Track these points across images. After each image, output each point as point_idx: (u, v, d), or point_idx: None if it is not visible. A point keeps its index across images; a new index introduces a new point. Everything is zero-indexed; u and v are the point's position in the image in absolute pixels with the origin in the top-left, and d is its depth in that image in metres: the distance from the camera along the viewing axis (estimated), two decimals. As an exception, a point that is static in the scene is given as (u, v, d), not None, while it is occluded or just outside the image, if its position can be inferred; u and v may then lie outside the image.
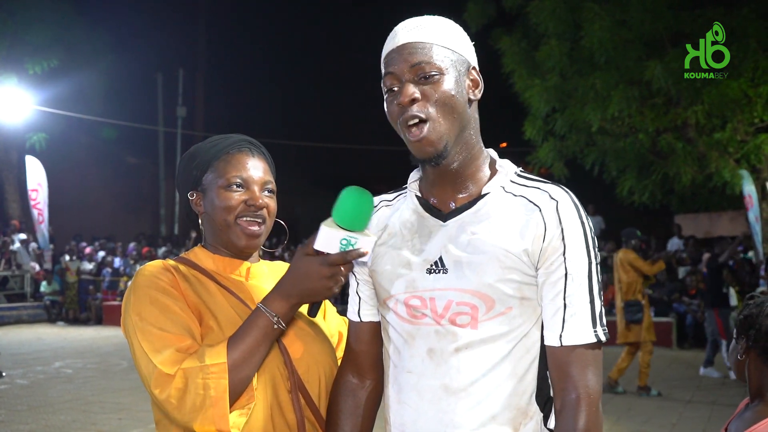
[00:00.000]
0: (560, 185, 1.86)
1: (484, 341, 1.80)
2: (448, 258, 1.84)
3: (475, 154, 1.89)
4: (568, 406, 1.76)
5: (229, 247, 2.12)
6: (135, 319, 1.93)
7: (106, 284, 20.54)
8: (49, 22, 21.90)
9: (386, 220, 2.01)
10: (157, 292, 1.96)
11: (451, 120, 1.81)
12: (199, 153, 2.16)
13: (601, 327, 1.79)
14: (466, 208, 1.87)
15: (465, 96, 1.84)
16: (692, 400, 9.82)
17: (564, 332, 1.78)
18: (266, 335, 1.90)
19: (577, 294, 1.78)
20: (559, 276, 1.78)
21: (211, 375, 1.81)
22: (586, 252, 1.79)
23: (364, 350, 2.05)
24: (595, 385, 1.78)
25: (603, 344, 1.82)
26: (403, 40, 1.84)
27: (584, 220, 1.81)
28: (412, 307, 1.87)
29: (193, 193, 2.14)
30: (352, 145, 29.41)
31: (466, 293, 1.81)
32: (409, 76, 1.81)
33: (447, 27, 1.87)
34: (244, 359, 1.86)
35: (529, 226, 1.79)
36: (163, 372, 1.83)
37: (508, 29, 17.25)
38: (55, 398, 9.59)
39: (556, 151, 16.65)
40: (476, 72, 1.89)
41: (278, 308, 1.91)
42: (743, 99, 14.45)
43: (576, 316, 1.78)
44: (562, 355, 1.78)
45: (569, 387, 1.77)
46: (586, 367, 1.78)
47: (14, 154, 22.87)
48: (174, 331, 1.89)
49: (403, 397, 1.89)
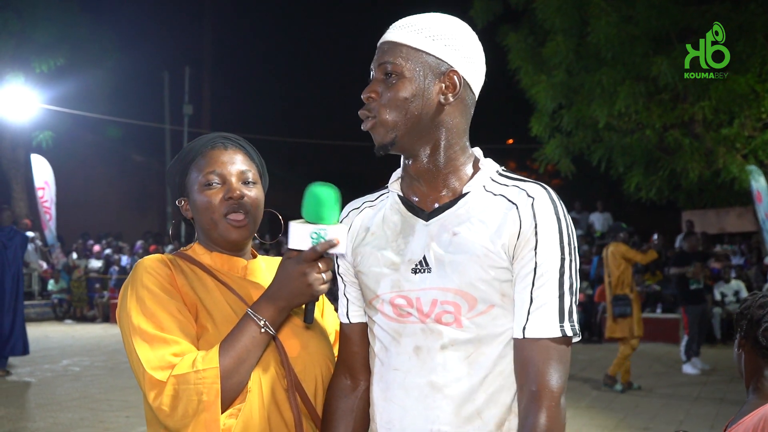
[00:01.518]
0: (540, 183, 1.86)
1: (469, 340, 1.81)
2: (431, 257, 1.85)
3: (452, 155, 1.89)
4: (528, 400, 1.75)
5: (220, 244, 2.12)
6: (130, 316, 1.92)
7: (113, 282, 20.57)
8: (56, 21, 21.92)
9: (369, 221, 2.02)
10: (155, 288, 1.95)
11: (400, 119, 1.84)
12: (177, 159, 2.17)
13: (569, 323, 1.78)
14: (447, 207, 1.88)
15: (431, 99, 1.85)
16: (700, 396, 9.80)
17: (528, 324, 1.78)
18: (255, 341, 1.90)
19: (545, 288, 1.78)
20: (528, 270, 1.79)
21: (204, 380, 1.81)
22: (560, 247, 1.79)
23: (356, 351, 2.06)
24: (558, 380, 1.76)
25: (570, 341, 1.81)
26: (384, 38, 1.89)
27: (561, 217, 1.81)
28: (398, 306, 1.89)
29: (181, 200, 2.15)
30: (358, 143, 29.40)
31: (449, 292, 1.82)
32: (377, 74, 1.87)
33: (435, 29, 1.86)
34: (236, 365, 1.85)
35: (507, 223, 1.81)
36: (154, 378, 1.82)
37: (515, 26, 17.21)
38: (62, 396, 9.62)
39: (563, 147, 16.61)
40: (457, 77, 1.86)
41: (265, 313, 1.91)
42: (751, 94, 14.39)
43: (541, 309, 1.77)
44: (525, 347, 1.78)
45: (530, 381, 1.76)
46: (548, 361, 1.76)
47: (21, 153, 22.91)
48: (168, 332, 1.89)
49: (389, 395, 1.91)
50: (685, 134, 15.20)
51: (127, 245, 23.13)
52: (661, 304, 16.08)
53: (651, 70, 14.28)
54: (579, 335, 1.81)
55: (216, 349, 1.86)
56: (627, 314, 9.99)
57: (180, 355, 1.86)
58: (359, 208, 2.07)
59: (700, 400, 9.60)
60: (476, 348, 1.81)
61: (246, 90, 35.76)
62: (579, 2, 15.29)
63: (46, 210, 20.11)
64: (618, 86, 14.85)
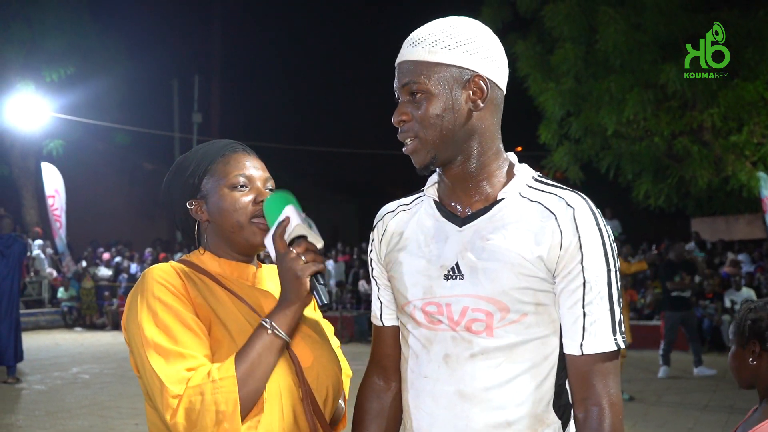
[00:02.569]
0: (578, 192, 1.84)
1: (499, 348, 1.80)
2: (464, 264, 1.84)
3: (487, 160, 1.87)
4: (593, 416, 1.75)
5: (241, 248, 2.08)
6: (143, 329, 1.87)
7: (122, 290, 20.62)
8: (66, 30, 22.05)
9: (404, 225, 2.01)
10: (167, 299, 1.91)
11: (438, 137, 1.83)
12: (191, 161, 2.11)
13: (620, 334, 1.79)
14: (481, 213, 1.86)
15: (461, 110, 1.83)
16: (709, 404, 9.77)
17: (585, 341, 1.77)
18: (266, 344, 1.88)
19: (596, 302, 1.77)
20: (577, 284, 1.77)
21: (221, 390, 1.79)
22: (605, 259, 1.77)
23: (389, 353, 2.06)
24: (617, 393, 1.78)
25: (620, 352, 1.81)
26: (401, 58, 1.87)
27: (602, 228, 1.80)
28: (429, 314, 1.88)
29: (192, 202, 2.08)
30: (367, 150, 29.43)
31: (481, 300, 1.80)
32: (403, 96, 1.86)
33: (450, 38, 1.83)
34: (251, 372, 1.84)
35: (545, 233, 1.78)
36: (172, 392, 1.79)
37: (523, 33, 17.22)
38: (72, 403, 9.64)
39: (572, 154, 16.60)
40: (483, 80, 1.83)
41: (276, 317, 1.91)
42: (759, 101, 14.36)
43: (596, 324, 1.77)
44: (584, 364, 1.78)
45: (592, 397, 1.76)
46: (607, 375, 1.77)
47: (32, 161, 23.03)
48: (184, 346, 1.85)
49: (419, 403, 1.90)
50: (694, 141, 15.18)
51: (137, 253, 23.19)
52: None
53: (659, 77, 14.28)
54: (627, 344, 1.83)
55: (231, 359, 1.84)
56: None
57: (194, 369, 1.83)
58: (394, 211, 2.06)
59: (710, 407, 9.56)
60: (507, 357, 1.80)
61: (255, 98, 35.88)
62: (587, 10, 15.31)
63: (56, 218, 20.19)
64: (626, 94, 14.84)
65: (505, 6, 17.19)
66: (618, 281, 1.81)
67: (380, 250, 2.05)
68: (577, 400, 1.79)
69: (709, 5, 14.58)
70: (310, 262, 1.89)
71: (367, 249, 2.13)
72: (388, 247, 2.02)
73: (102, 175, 28.64)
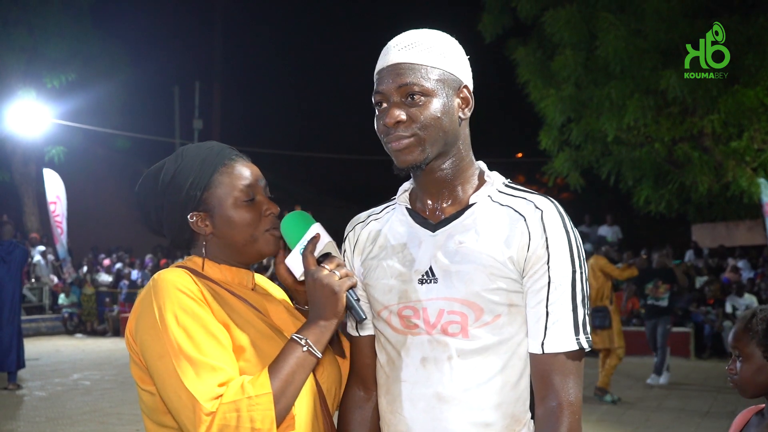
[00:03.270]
0: (547, 196, 1.89)
1: (475, 350, 1.83)
2: (437, 268, 1.87)
3: (464, 166, 1.92)
4: (550, 414, 1.77)
5: (249, 259, 2.05)
6: (167, 338, 1.80)
7: (123, 296, 20.61)
8: (67, 37, 22.09)
9: (376, 234, 2.04)
10: (189, 304, 1.85)
11: (436, 138, 1.84)
12: (188, 171, 2.02)
13: (584, 335, 1.81)
14: (453, 218, 1.90)
15: (454, 115, 1.87)
16: (710, 410, 9.76)
17: (546, 339, 1.80)
18: (299, 361, 1.85)
19: (559, 302, 1.80)
20: (542, 284, 1.81)
21: (257, 406, 1.76)
22: (570, 261, 1.81)
23: (367, 363, 2.07)
24: (577, 393, 1.79)
25: (585, 353, 1.83)
26: (394, 60, 1.86)
27: (569, 230, 1.83)
28: (405, 318, 1.90)
29: (193, 215, 2.00)
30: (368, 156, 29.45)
31: (455, 302, 1.83)
32: (396, 98, 1.85)
33: (441, 45, 1.87)
34: (285, 389, 1.81)
35: (515, 235, 1.82)
36: (205, 408, 1.74)
37: (523, 39, 17.26)
38: (73, 410, 9.64)
39: (572, 161, 16.61)
40: (468, 90, 1.90)
41: (308, 333, 1.88)
42: (760, 107, 14.37)
43: (558, 323, 1.79)
44: (544, 362, 1.80)
45: (551, 395, 1.78)
46: (567, 375, 1.79)
47: (33, 168, 23.05)
48: (212, 357, 1.79)
49: (395, 407, 1.92)
50: (695, 147, 15.19)
51: (138, 259, 23.19)
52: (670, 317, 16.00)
53: (660, 83, 14.29)
54: (591, 346, 1.84)
55: (266, 374, 1.80)
56: (606, 326, 10.12)
57: (225, 383, 1.78)
58: (365, 221, 2.10)
59: (711, 413, 9.55)
60: (482, 358, 1.82)
61: (255, 104, 35.91)
62: (587, 16, 15.33)
63: (57, 224, 20.19)
64: (627, 100, 14.86)
65: (506, 12, 17.22)
66: (584, 283, 1.83)
67: (353, 259, 2.07)
68: (537, 399, 1.82)
69: (710, 11, 14.60)
70: (344, 277, 1.89)
71: None
72: (362, 256, 2.04)
73: (103, 182, 28.65)
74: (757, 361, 2.41)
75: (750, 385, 2.43)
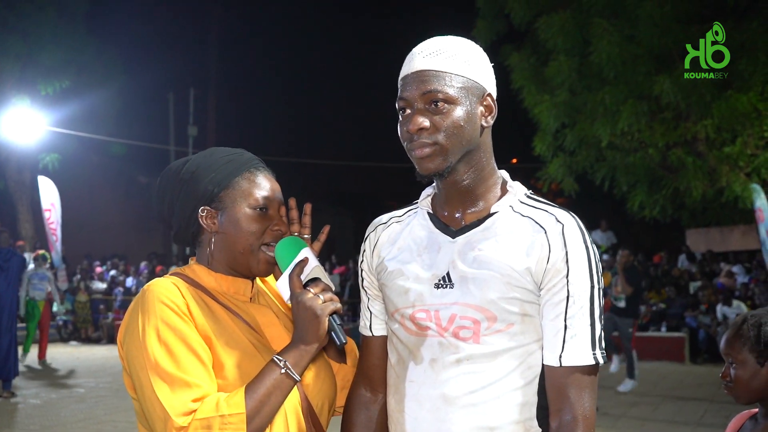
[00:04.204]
0: (568, 210, 1.90)
1: (485, 355, 1.84)
2: (454, 273, 1.88)
3: (486, 175, 1.93)
4: (565, 428, 1.80)
5: (241, 270, 2.05)
6: (146, 351, 1.82)
7: (117, 303, 20.58)
8: (62, 44, 22.06)
9: (396, 236, 2.05)
10: (172, 320, 1.86)
11: (458, 146, 1.86)
12: (213, 167, 2.03)
13: (599, 350, 1.83)
14: (475, 225, 1.92)
15: (476, 123, 1.89)
16: (705, 415, 9.77)
17: (564, 353, 1.82)
18: (276, 383, 1.85)
19: (578, 316, 1.82)
20: (561, 298, 1.82)
21: (229, 425, 1.76)
22: (589, 276, 1.83)
23: (376, 364, 2.09)
24: (591, 407, 1.82)
25: (598, 367, 1.86)
26: (418, 67, 1.88)
27: (589, 245, 1.85)
28: (418, 320, 1.91)
29: (204, 209, 2.02)
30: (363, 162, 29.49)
31: (469, 308, 1.85)
32: (420, 105, 1.86)
33: (465, 52, 1.89)
34: (259, 409, 1.81)
35: (534, 246, 1.84)
36: (177, 424, 1.75)
37: (517, 45, 17.31)
38: (67, 418, 9.61)
39: (566, 166, 16.65)
40: (491, 99, 1.92)
41: (288, 355, 1.88)
42: (753, 113, 14.42)
43: (576, 338, 1.81)
44: (561, 375, 1.82)
45: (566, 408, 1.81)
46: (583, 389, 1.82)
47: (27, 175, 22.99)
48: (188, 373, 1.81)
49: (402, 407, 1.94)
50: (688, 153, 15.24)
51: (132, 267, 23.15)
52: (665, 322, 16.04)
53: (653, 89, 14.34)
54: (605, 361, 1.86)
55: (241, 393, 1.81)
56: None
57: (200, 399, 1.79)
58: (386, 223, 2.11)
59: (706, 418, 9.56)
60: (491, 364, 1.84)
61: (250, 111, 35.95)
62: (581, 22, 15.38)
63: (52, 231, 20.12)
64: (621, 105, 14.90)
65: (500, 18, 17.28)
66: (601, 299, 1.85)
67: (372, 260, 2.09)
68: (552, 411, 1.83)
69: (703, 17, 14.65)
70: (328, 301, 1.90)
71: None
72: (380, 257, 2.06)
73: (97, 189, 28.62)
74: (751, 366, 2.41)
75: (745, 391, 2.43)
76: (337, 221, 35.64)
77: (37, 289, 14.62)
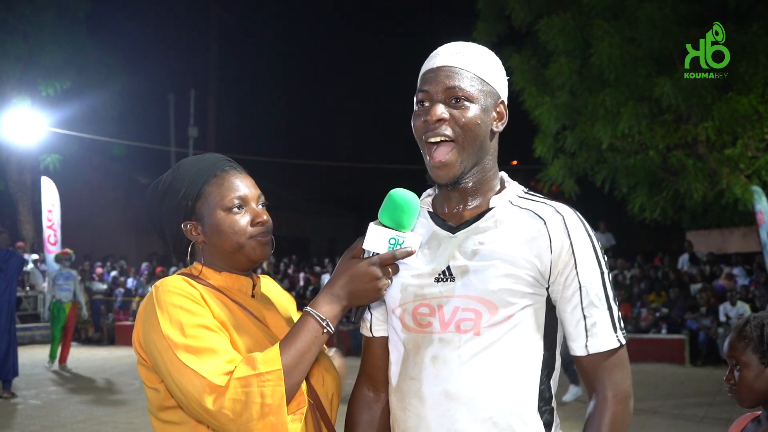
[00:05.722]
0: (564, 203, 1.95)
1: (486, 348, 1.86)
2: (455, 267, 1.91)
3: (490, 177, 1.98)
4: (597, 405, 1.87)
5: (242, 265, 2.09)
6: (168, 336, 1.85)
7: (118, 304, 20.57)
8: (63, 45, 22.09)
9: None
10: (186, 304, 1.90)
11: (471, 146, 1.90)
12: (182, 181, 2.09)
13: (621, 331, 1.89)
14: (474, 220, 1.96)
15: (489, 126, 1.94)
16: (706, 417, 9.76)
17: (589, 342, 1.87)
18: (316, 339, 1.89)
19: (594, 304, 1.87)
20: (574, 289, 1.87)
21: (267, 383, 1.79)
22: (597, 262, 1.89)
23: (378, 364, 2.11)
24: (623, 382, 1.89)
25: (625, 346, 1.91)
26: (442, 63, 1.93)
27: (590, 233, 1.91)
28: (420, 316, 1.93)
29: (186, 224, 2.08)
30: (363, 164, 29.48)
31: (471, 299, 1.87)
32: (441, 97, 1.90)
33: (486, 58, 1.96)
34: (296, 364, 1.85)
35: (535, 236, 1.88)
36: (213, 384, 1.78)
37: (518, 47, 17.32)
38: (68, 418, 9.61)
39: (567, 168, 16.66)
40: (504, 106, 1.97)
41: (327, 311, 1.91)
42: (753, 115, 14.43)
43: (597, 325, 1.87)
44: (590, 363, 1.89)
45: (599, 390, 1.88)
46: (612, 370, 1.88)
47: (28, 176, 23.02)
48: (216, 342, 1.85)
49: (405, 404, 1.95)
50: (689, 155, 15.25)
51: (133, 267, 23.13)
52: (666, 325, 16.01)
53: (654, 91, 14.35)
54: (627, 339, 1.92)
55: (276, 349, 1.85)
56: None
57: (232, 361, 1.82)
58: None
59: (707, 420, 9.55)
60: (492, 357, 1.86)
61: (251, 112, 35.95)
62: (581, 24, 15.40)
63: (54, 233, 20.14)
64: (621, 107, 14.92)
65: (500, 20, 17.30)
66: (611, 282, 1.90)
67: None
68: (589, 396, 1.91)
69: (703, 19, 14.66)
70: (384, 287, 1.93)
71: None
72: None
73: (98, 189, 28.61)
74: (755, 367, 2.41)
75: (749, 393, 2.42)
76: (337, 222, 35.69)
77: (63, 290, 14.20)
